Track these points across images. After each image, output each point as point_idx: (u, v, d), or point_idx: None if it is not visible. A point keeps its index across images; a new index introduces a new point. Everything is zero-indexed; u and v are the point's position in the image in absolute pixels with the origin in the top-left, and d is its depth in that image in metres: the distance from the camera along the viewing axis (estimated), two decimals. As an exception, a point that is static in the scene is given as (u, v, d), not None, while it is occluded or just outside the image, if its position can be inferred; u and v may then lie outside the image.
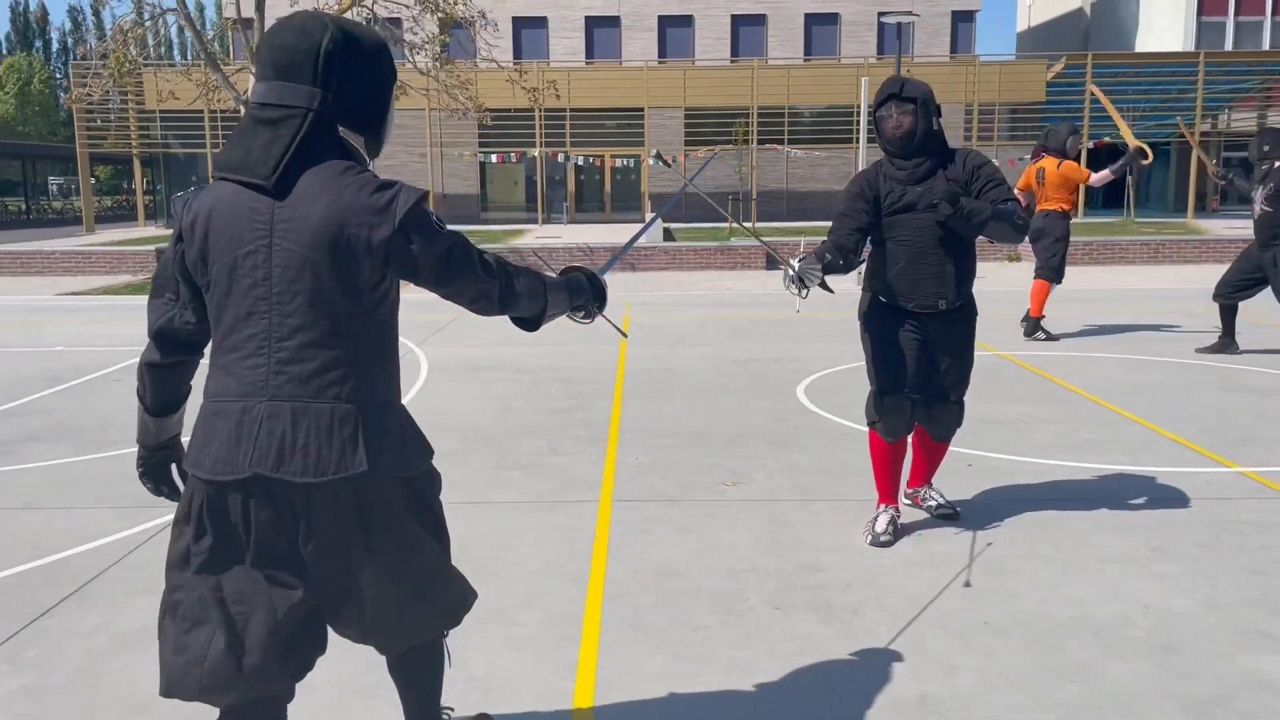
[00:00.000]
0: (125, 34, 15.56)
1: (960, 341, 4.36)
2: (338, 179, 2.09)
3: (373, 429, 2.13)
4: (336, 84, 2.13)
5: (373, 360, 2.18)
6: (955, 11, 38.28)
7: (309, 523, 2.12)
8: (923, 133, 4.10)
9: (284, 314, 2.09)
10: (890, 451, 4.41)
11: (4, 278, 17.04)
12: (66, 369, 8.57)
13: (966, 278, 4.26)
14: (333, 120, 2.15)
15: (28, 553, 4.29)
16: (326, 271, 2.07)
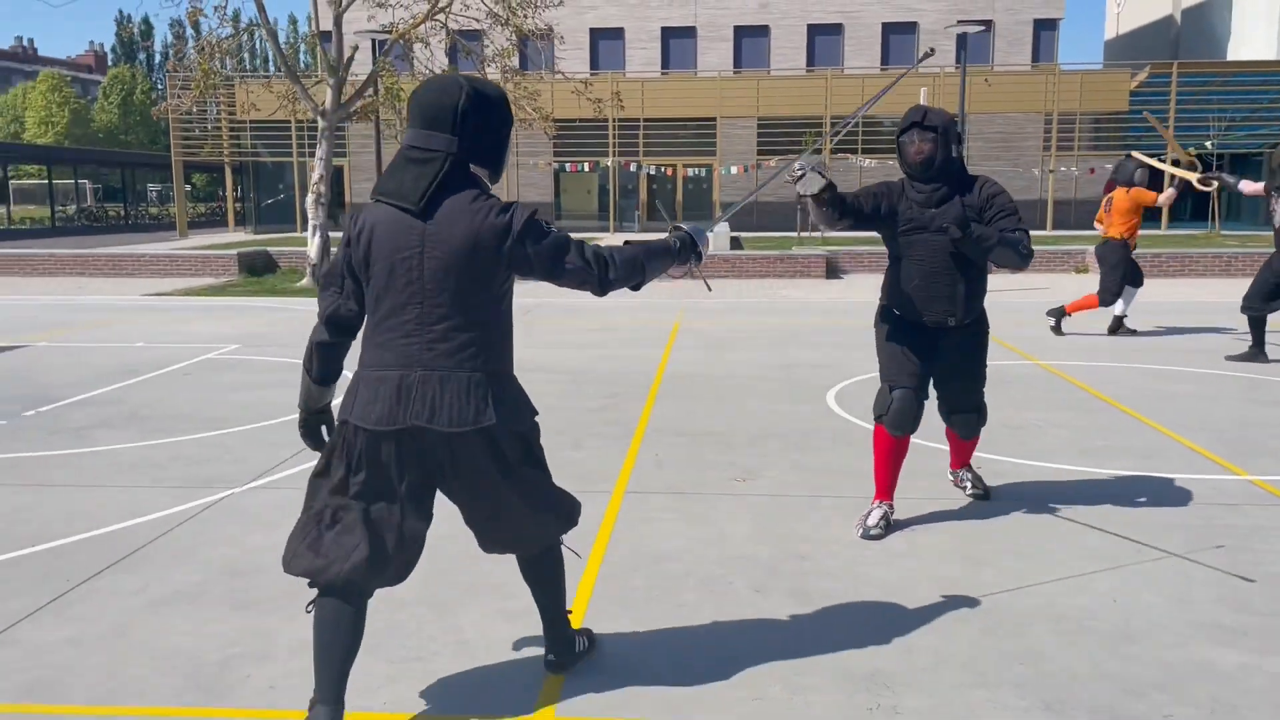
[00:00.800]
0: (213, 48, 16.36)
1: (971, 354, 4.62)
2: (470, 205, 2.77)
3: (498, 393, 2.82)
4: (469, 133, 2.79)
5: (497, 340, 2.86)
6: (1038, 20, 37.76)
7: (454, 464, 2.83)
8: (942, 159, 4.34)
9: (433, 305, 2.75)
10: (893, 447, 4.60)
11: (98, 279, 18.01)
12: (143, 363, 9.14)
13: (976, 296, 4.50)
14: (465, 160, 2.81)
15: (86, 524, 4.72)
16: (466, 275, 2.75)
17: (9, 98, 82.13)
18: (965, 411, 4.72)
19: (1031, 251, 4.33)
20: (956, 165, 4.40)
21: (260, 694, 3.14)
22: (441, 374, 2.76)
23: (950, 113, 4.52)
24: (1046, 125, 32.58)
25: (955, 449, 5.05)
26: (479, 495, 2.93)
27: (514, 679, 3.23)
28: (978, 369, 4.65)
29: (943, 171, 4.35)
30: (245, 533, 4.60)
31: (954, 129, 4.34)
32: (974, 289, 4.47)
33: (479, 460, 2.83)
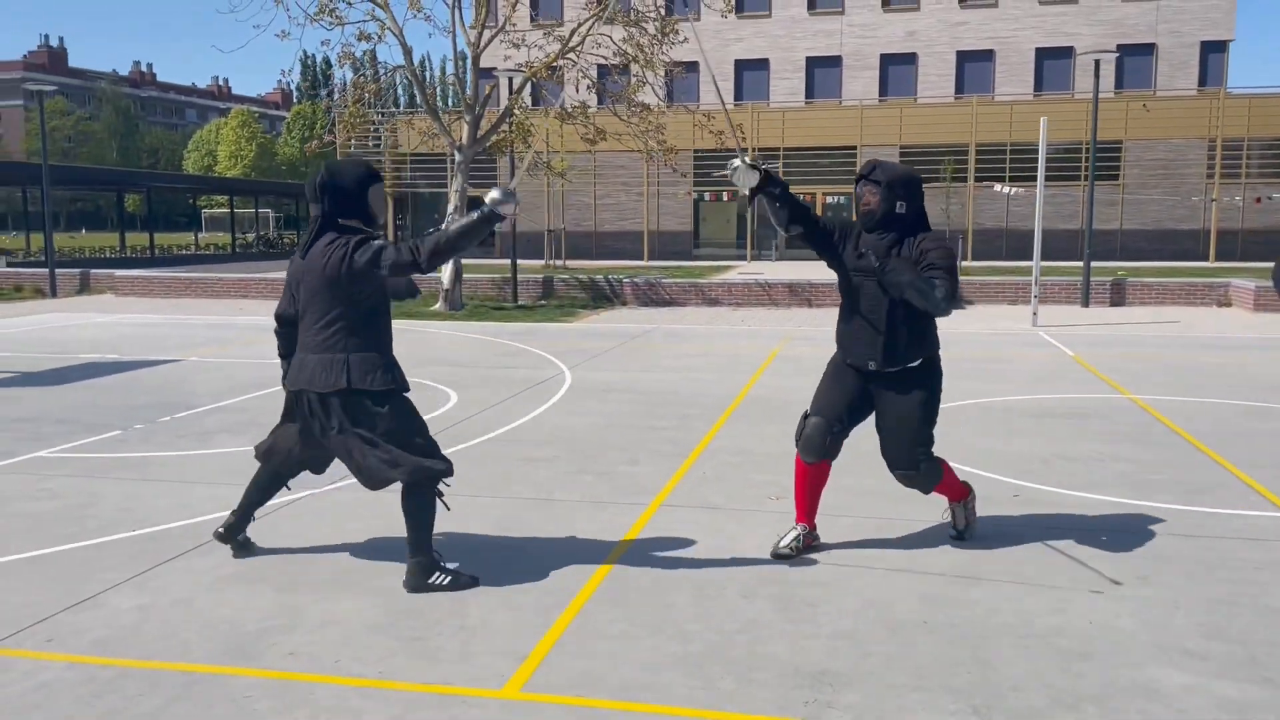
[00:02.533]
0: (361, 89, 17.61)
1: (904, 407, 4.54)
2: (326, 246, 4.24)
3: (353, 367, 4.22)
4: (329, 200, 4.28)
5: (359, 331, 4.26)
6: (1205, 42, 36.14)
7: (325, 414, 4.27)
8: (883, 212, 4.51)
9: (312, 311, 4.29)
10: (806, 472, 4.76)
11: (254, 299, 19.53)
12: (274, 378, 10.02)
13: (906, 346, 4.51)
14: (334, 216, 4.29)
15: (184, 514, 5.39)
16: (325, 291, 4.23)
17: (204, 133, 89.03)
18: (901, 468, 4.59)
19: (948, 298, 4.29)
20: (902, 221, 4.50)
21: (281, 659, 3.63)
22: (317, 355, 4.26)
23: (908, 170, 4.58)
24: (1210, 151, 31.06)
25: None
26: (342, 440, 4.29)
27: (494, 659, 3.63)
28: (910, 423, 4.54)
29: (885, 223, 4.50)
30: (309, 528, 5.17)
31: (901, 185, 4.47)
32: (900, 336, 4.49)
33: (338, 413, 4.25)
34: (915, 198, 4.55)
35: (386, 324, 4.42)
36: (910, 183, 4.54)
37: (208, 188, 59.25)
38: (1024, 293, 17.08)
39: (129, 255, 37.02)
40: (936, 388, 4.65)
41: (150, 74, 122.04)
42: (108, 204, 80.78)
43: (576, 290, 19.15)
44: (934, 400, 4.63)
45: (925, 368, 4.61)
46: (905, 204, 4.51)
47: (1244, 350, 11.79)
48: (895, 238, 4.51)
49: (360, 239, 4.18)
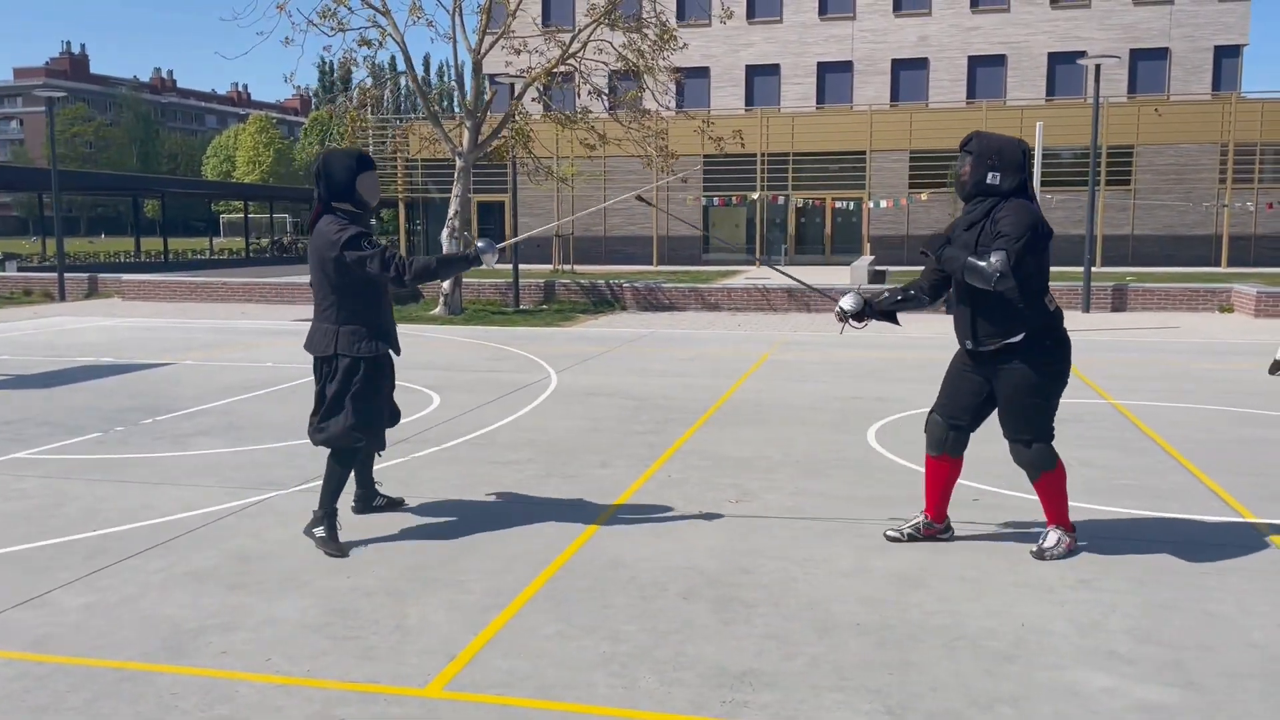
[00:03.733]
0: (365, 94, 17.74)
1: (1009, 384, 4.56)
2: (322, 228, 4.83)
3: (341, 336, 4.82)
4: (324, 185, 4.86)
5: (347, 306, 4.83)
6: (1219, 46, 35.90)
7: (319, 373, 4.94)
8: (973, 183, 4.50)
9: (314, 285, 4.92)
10: (931, 465, 4.88)
11: (260, 304, 19.69)
12: (262, 381, 10.12)
13: (991, 323, 4.48)
14: (329, 201, 4.86)
15: (147, 515, 5.45)
16: (319, 269, 4.83)
17: (223, 139, 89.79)
18: (1012, 441, 4.68)
19: (999, 273, 4.20)
20: (997, 191, 4.45)
21: (213, 657, 3.67)
22: (316, 324, 4.93)
23: (1006, 139, 4.49)
24: (1223, 156, 30.83)
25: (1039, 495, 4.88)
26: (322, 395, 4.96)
27: (424, 658, 3.66)
28: (1016, 402, 4.56)
29: (977, 193, 4.49)
30: (271, 528, 5.22)
31: (993, 155, 4.42)
32: (985, 315, 4.47)
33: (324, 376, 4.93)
34: (1012, 168, 4.44)
35: (376, 296, 4.89)
36: (1004, 151, 4.45)
37: (223, 193, 59.75)
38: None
39: (143, 260, 37.34)
40: (1046, 366, 4.51)
41: (171, 80, 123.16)
42: (127, 209, 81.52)
43: (577, 295, 19.21)
44: (1045, 379, 4.52)
45: (1030, 343, 4.48)
46: (999, 174, 4.43)
47: (1238, 356, 11.72)
48: (988, 209, 4.45)
49: (353, 235, 4.71)
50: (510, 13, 17.10)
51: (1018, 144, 4.52)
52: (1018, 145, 4.51)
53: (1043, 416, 4.61)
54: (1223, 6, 35.12)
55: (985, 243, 4.42)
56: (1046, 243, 4.45)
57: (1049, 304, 4.53)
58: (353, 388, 4.82)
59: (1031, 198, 4.53)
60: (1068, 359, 4.62)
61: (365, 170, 4.86)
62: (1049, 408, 4.61)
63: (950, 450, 4.80)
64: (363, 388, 4.84)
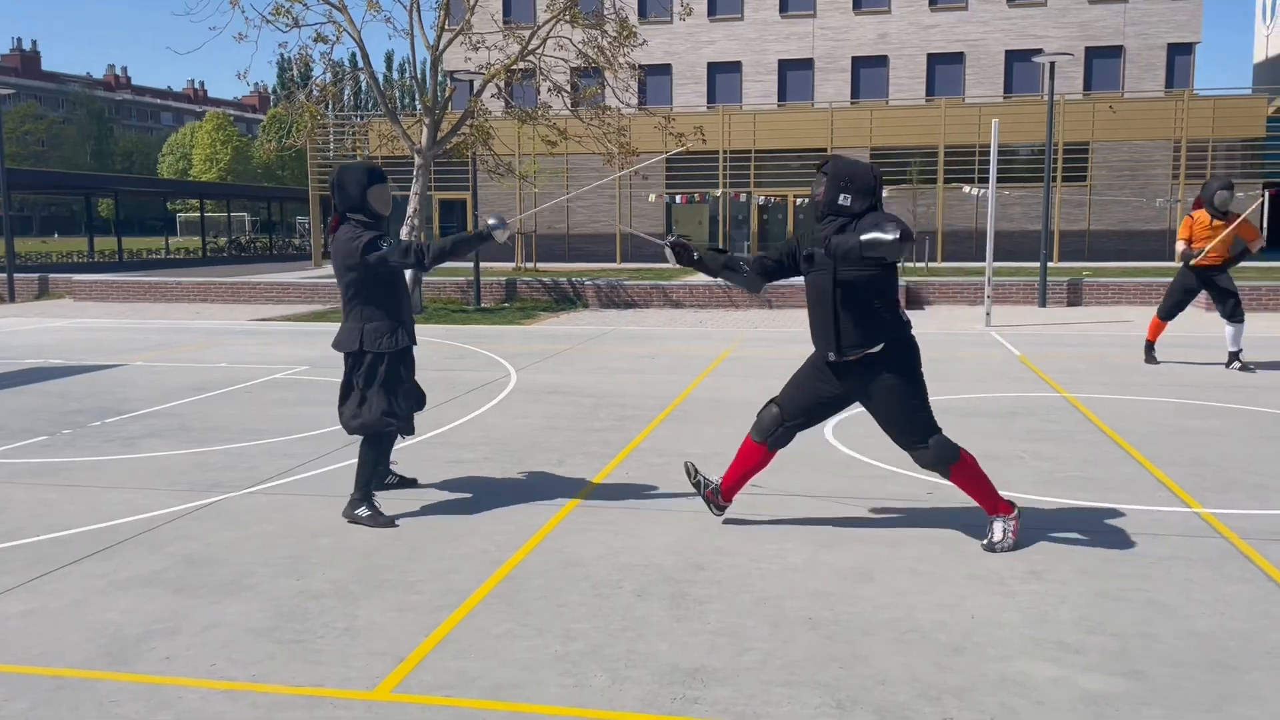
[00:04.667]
0: (324, 91, 17.54)
1: (881, 397, 4.67)
2: (339, 235, 5.19)
3: (362, 332, 5.18)
4: (339, 197, 5.20)
5: (368, 305, 5.18)
6: (1172, 44, 36.44)
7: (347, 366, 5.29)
8: (826, 202, 4.60)
9: (340, 287, 5.27)
10: (749, 448, 5.00)
11: (216, 304, 19.43)
12: (215, 381, 9.98)
13: (853, 334, 4.59)
14: (344, 212, 5.22)
15: (93, 519, 5.35)
16: (342, 273, 5.18)
17: (178, 136, 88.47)
18: (906, 447, 4.75)
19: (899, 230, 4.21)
20: (849, 213, 4.55)
21: (157, 663, 3.61)
22: (343, 324, 5.30)
23: (860, 165, 4.61)
24: (1175, 152, 31.31)
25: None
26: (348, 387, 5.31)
27: (372, 660, 3.62)
28: (892, 406, 4.66)
29: (830, 213, 4.59)
30: (218, 530, 5.14)
31: (846, 178, 4.54)
32: (851, 325, 4.57)
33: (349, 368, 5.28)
34: (863, 193, 4.55)
35: (395, 292, 5.27)
36: (856, 176, 4.56)
37: (179, 192, 58.94)
38: (982, 293, 17.16)
39: (96, 260, 36.73)
40: (908, 367, 4.65)
41: (125, 77, 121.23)
42: (81, 209, 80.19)
43: (539, 293, 19.14)
44: (910, 380, 4.65)
45: (891, 351, 4.60)
46: (850, 197, 4.53)
47: (1186, 348, 11.89)
48: (839, 226, 4.54)
49: (370, 239, 5.07)
50: (469, 8, 16.99)
51: (869, 169, 4.63)
52: (869, 170, 4.63)
53: (924, 413, 4.71)
54: (1175, 5, 35.66)
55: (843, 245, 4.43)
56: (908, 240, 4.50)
57: (903, 314, 4.71)
58: (382, 379, 5.21)
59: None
60: (920, 361, 4.76)
61: (376, 183, 5.21)
62: (926, 404, 4.73)
63: (775, 445, 4.93)
64: (390, 378, 5.23)
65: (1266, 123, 31.13)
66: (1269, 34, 45.57)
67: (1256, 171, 31.25)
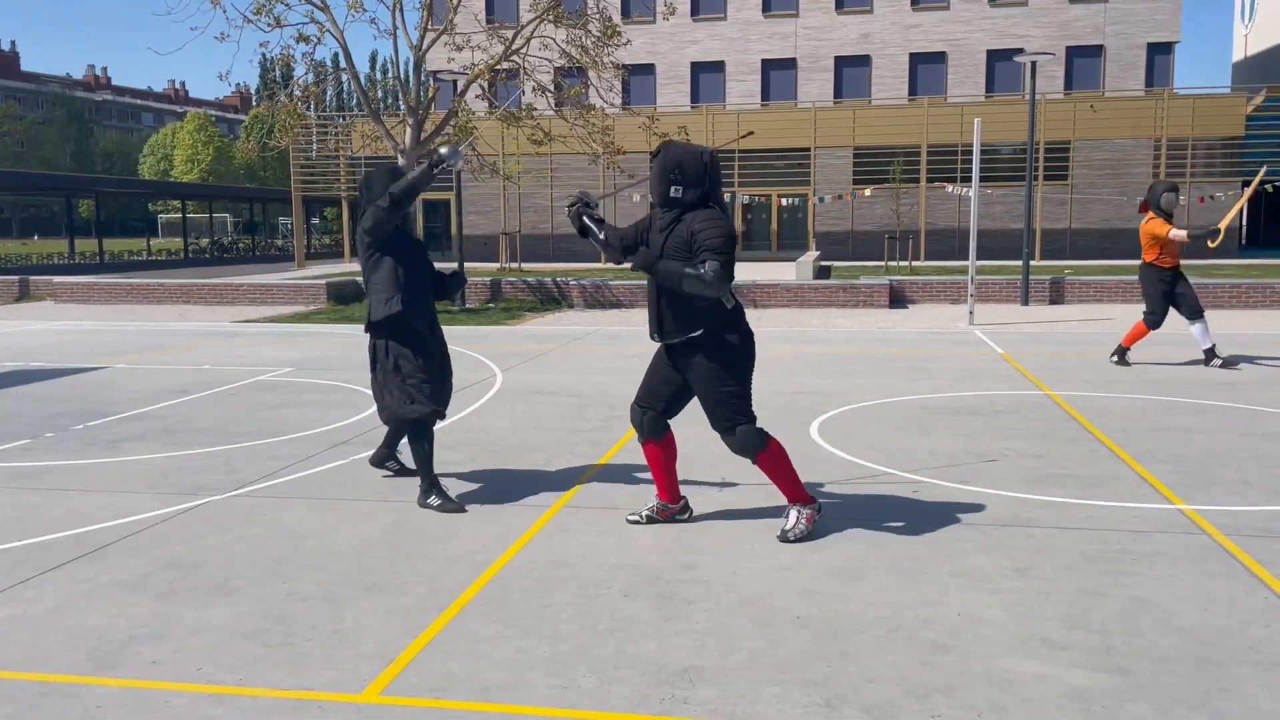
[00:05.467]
0: (307, 91, 17.47)
1: (698, 380, 4.77)
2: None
3: (373, 306, 5.43)
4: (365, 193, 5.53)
5: (378, 283, 5.44)
6: (1151, 44, 36.70)
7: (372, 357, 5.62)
8: (658, 194, 4.67)
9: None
10: (644, 450, 5.15)
11: (199, 306, 19.32)
12: (199, 383, 9.92)
13: (675, 319, 4.71)
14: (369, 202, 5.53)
15: (75, 523, 5.32)
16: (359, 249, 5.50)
17: (159, 137, 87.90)
18: (717, 430, 4.84)
19: (714, 278, 4.44)
20: (680, 203, 4.62)
21: (142, 668, 3.59)
22: (366, 297, 5.57)
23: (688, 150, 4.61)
24: (1155, 151, 31.53)
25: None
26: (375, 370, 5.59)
27: (360, 663, 3.61)
28: (707, 389, 4.76)
29: (665, 203, 4.66)
30: (204, 534, 5.12)
31: (675, 168, 4.58)
32: (675, 310, 4.69)
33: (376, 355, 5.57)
34: (694, 181, 4.60)
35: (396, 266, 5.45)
36: (684, 165, 4.60)
37: (160, 193, 58.59)
38: (965, 292, 17.25)
39: (77, 262, 36.47)
40: (727, 357, 4.71)
41: (105, 78, 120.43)
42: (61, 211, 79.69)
43: (524, 293, 19.12)
44: (728, 368, 4.72)
45: (711, 337, 4.70)
46: (681, 188, 4.60)
47: (1168, 346, 11.99)
48: (675, 216, 4.65)
49: (367, 210, 5.40)
50: (452, 9, 16.96)
51: (700, 156, 4.62)
52: (699, 158, 4.62)
53: (737, 401, 4.78)
54: (1155, 4, 35.91)
55: (676, 246, 4.61)
56: (733, 248, 4.61)
57: (726, 302, 4.69)
58: (400, 366, 5.45)
59: (718, 204, 4.66)
60: (750, 347, 4.80)
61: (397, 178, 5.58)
62: (741, 392, 4.78)
63: (651, 435, 5.05)
64: (408, 364, 5.45)
65: (1246, 121, 31.39)
66: (1248, 33, 45.95)
67: (1236, 170, 31.50)
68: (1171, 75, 36.72)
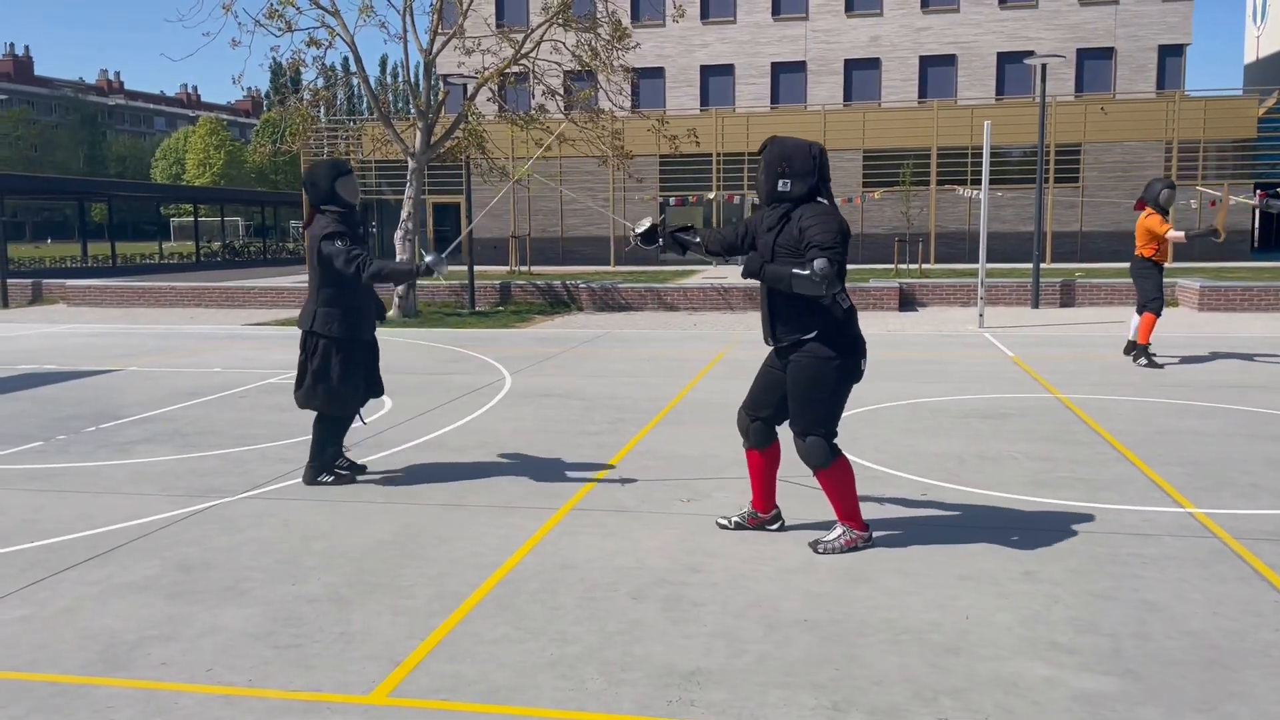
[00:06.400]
0: (317, 95, 17.54)
1: (793, 375, 4.67)
2: (312, 226, 5.78)
3: (317, 314, 5.78)
4: (310, 193, 5.84)
5: (327, 289, 5.76)
6: (1163, 46, 36.56)
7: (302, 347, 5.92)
8: (767, 190, 4.62)
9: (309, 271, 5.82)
10: (747, 457, 5.06)
11: (210, 309, 19.40)
12: (210, 386, 9.97)
13: (787, 322, 4.62)
14: (315, 205, 5.83)
15: (86, 525, 5.35)
16: (312, 258, 5.73)
17: (172, 141, 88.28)
18: (794, 431, 4.73)
19: (824, 276, 4.31)
20: (789, 198, 4.56)
21: (152, 669, 3.61)
22: (305, 303, 5.88)
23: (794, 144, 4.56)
24: (1167, 154, 31.41)
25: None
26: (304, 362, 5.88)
27: (368, 665, 3.62)
28: (796, 395, 4.66)
29: (774, 198, 4.60)
30: (213, 536, 5.14)
31: (782, 161, 4.53)
32: (783, 314, 4.62)
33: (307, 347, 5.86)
34: (803, 174, 4.54)
35: (353, 285, 5.75)
36: (792, 159, 4.54)
37: (172, 196, 58.85)
38: (975, 295, 17.22)
39: (90, 265, 36.64)
40: (829, 364, 4.58)
41: (118, 82, 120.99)
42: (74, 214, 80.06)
43: (533, 296, 19.14)
44: (823, 375, 4.59)
45: (821, 340, 4.58)
46: (789, 181, 4.54)
47: (1178, 349, 11.94)
48: (785, 211, 4.56)
49: (332, 233, 5.62)
50: (462, 12, 17.00)
51: (808, 148, 4.57)
52: (808, 150, 4.57)
53: (821, 410, 4.65)
54: (1166, 6, 35.78)
55: (786, 245, 4.52)
56: (846, 244, 4.53)
57: (841, 303, 4.61)
58: (327, 362, 5.79)
59: (827, 198, 4.59)
60: (857, 358, 4.67)
61: (341, 175, 5.84)
62: (830, 403, 4.65)
63: (756, 443, 4.95)
64: (333, 363, 5.79)
65: (1258, 123, 31.26)
66: (1259, 35, 45.76)
67: (1248, 172, 31.37)
68: (1183, 77, 36.58)
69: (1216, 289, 16.69)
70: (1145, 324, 10.67)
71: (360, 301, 5.87)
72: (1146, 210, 10.50)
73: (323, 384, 5.83)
